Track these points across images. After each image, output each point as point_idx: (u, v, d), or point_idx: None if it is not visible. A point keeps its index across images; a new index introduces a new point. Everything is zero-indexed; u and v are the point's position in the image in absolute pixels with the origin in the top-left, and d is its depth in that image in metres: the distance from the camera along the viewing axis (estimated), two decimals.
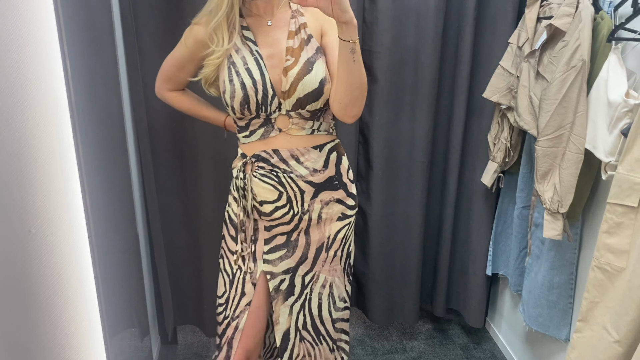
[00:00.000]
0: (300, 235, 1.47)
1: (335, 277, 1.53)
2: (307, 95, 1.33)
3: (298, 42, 1.35)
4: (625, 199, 1.29)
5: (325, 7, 1.15)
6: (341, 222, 1.50)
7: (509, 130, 1.92)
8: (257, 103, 1.34)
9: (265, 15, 1.38)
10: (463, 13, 1.94)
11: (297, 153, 1.40)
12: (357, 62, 1.23)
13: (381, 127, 2.05)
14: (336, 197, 1.48)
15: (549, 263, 1.79)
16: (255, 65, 1.33)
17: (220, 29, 1.32)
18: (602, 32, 1.49)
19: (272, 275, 1.46)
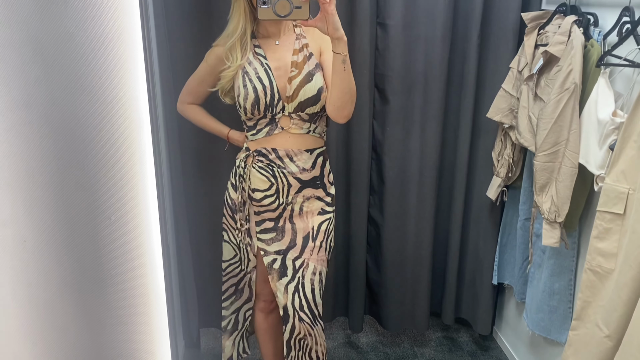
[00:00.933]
0: (286, 223, 1.75)
1: (324, 267, 1.79)
2: (307, 99, 1.63)
3: (301, 57, 1.63)
4: (613, 207, 1.44)
5: (322, 27, 1.47)
6: (322, 217, 1.79)
7: (511, 147, 2.07)
8: (266, 104, 1.63)
9: (274, 37, 1.68)
10: (467, 40, 2.11)
11: (292, 153, 1.70)
12: (347, 72, 1.53)
13: (392, 145, 2.21)
14: (316, 194, 1.78)
15: (549, 270, 1.92)
16: (265, 75, 1.63)
17: (235, 49, 1.62)
18: (592, 58, 1.64)
19: (265, 252, 1.76)
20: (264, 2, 1.47)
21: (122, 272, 0.84)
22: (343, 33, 1.49)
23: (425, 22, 2.05)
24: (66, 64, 0.74)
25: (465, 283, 2.46)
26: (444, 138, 2.24)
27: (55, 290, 0.82)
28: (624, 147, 1.41)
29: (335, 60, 1.52)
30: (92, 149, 0.77)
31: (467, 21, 2.09)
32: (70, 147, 0.77)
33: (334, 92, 1.58)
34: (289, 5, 1.47)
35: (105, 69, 0.74)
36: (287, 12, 1.47)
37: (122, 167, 0.78)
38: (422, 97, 2.15)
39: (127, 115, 0.76)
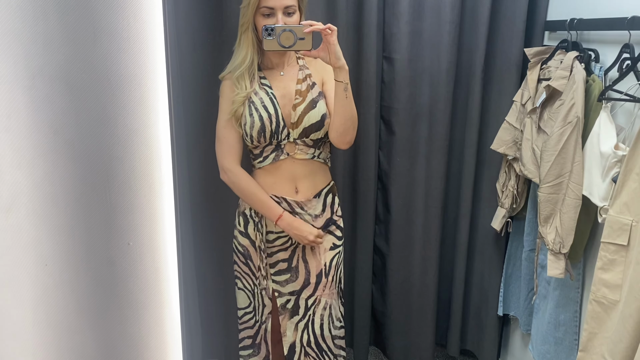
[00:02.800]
0: (300, 262, 1.78)
1: (333, 299, 1.82)
2: (311, 125, 1.68)
3: (305, 86, 1.69)
4: (617, 238, 1.46)
5: (324, 56, 1.55)
6: (333, 252, 1.82)
7: (515, 178, 2.10)
8: (271, 132, 1.66)
9: (278, 68, 1.73)
10: (472, 74, 2.16)
11: (302, 204, 1.75)
12: (348, 99, 1.60)
13: (398, 175, 2.25)
14: (327, 229, 1.81)
15: (554, 302, 1.92)
16: (270, 103, 1.67)
17: (243, 78, 1.67)
18: (594, 93, 1.69)
19: (279, 293, 1.78)
20: (269, 34, 1.53)
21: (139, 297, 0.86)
22: (344, 62, 1.56)
23: (430, 56, 2.11)
24: (92, 96, 0.78)
25: (470, 314, 2.46)
26: (449, 169, 2.28)
27: (72, 314, 0.85)
28: (626, 179, 1.43)
29: (337, 88, 1.59)
30: (114, 176, 0.80)
31: (471, 56, 2.14)
32: (93, 175, 0.81)
33: (337, 119, 1.64)
34: (293, 36, 1.53)
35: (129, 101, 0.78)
36: (291, 43, 1.54)
37: (142, 194, 0.81)
38: (427, 129, 2.19)
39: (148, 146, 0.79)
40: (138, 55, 0.77)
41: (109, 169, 0.80)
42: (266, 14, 1.59)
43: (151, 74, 0.78)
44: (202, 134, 2.01)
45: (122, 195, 0.81)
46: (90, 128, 0.79)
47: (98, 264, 0.84)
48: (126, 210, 0.81)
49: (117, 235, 0.82)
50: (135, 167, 0.80)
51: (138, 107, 0.78)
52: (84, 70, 0.76)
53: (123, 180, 0.80)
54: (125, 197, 0.81)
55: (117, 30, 0.76)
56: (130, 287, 0.84)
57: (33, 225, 0.78)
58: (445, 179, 2.26)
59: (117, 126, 0.79)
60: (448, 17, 2.05)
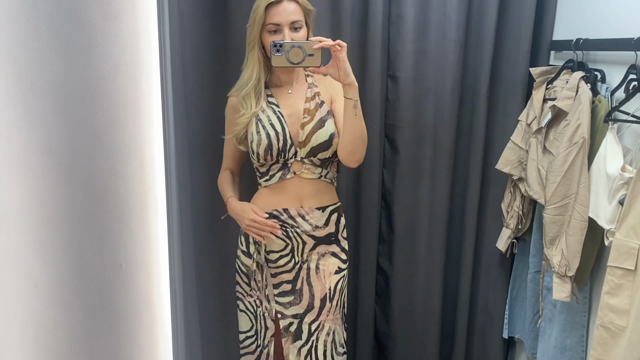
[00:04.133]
0: (304, 285, 1.74)
1: (337, 324, 1.79)
2: (319, 145, 1.66)
3: (313, 105, 1.67)
4: (624, 263, 1.43)
5: (333, 73, 1.54)
6: (338, 275, 1.79)
7: (520, 199, 2.07)
8: (278, 150, 1.65)
9: (287, 85, 1.72)
10: (477, 93, 2.14)
11: (303, 212, 1.72)
12: (358, 116, 1.57)
13: (402, 194, 2.23)
14: (330, 250, 1.78)
15: (560, 325, 1.88)
16: (278, 121, 1.66)
17: (249, 97, 1.65)
18: (600, 113, 1.66)
19: (282, 315, 1.75)
20: (277, 50, 1.52)
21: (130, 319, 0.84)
22: (354, 79, 1.54)
23: (435, 75, 2.10)
24: (86, 113, 0.77)
25: (475, 336, 2.42)
26: (453, 188, 2.25)
27: (62, 336, 0.83)
28: (633, 202, 1.41)
29: (346, 106, 1.57)
30: (107, 197, 0.79)
31: (476, 75, 2.13)
32: (86, 195, 0.79)
33: (346, 137, 1.61)
34: (302, 53, 1.52)
35: (123, 119, 0.77)
36: (300, 59, 1.53)
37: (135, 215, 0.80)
38: (431, 148, 2.18)
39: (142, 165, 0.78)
40: (133, 72, 0.76)
41: (101, 188, 0.79)
42: (272, 30, 1.59)
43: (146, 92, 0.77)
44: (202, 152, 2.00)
45: (115, 215, 0.79)
46: (84, 146, 0.78)
47: (89, 285, 0.82)
48: (118, 230, 0.80)
49: (109, 256, 0.80)
50: (128, 186, 0.79)
51: (132, 126, 0.77)
52: (78, 86, 0.76)
53: (116, 200, 0.79)
54: (118, 218, 0.80)
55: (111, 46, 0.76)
56: (121, 310, 0.82)
57: (23, 245, 0.77)
58: (449, 199, 2.23)
59: (110, 144, 0.78)
60: (453, 36, 2.04)
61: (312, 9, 1.65)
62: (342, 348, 1.83)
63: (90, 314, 0.82)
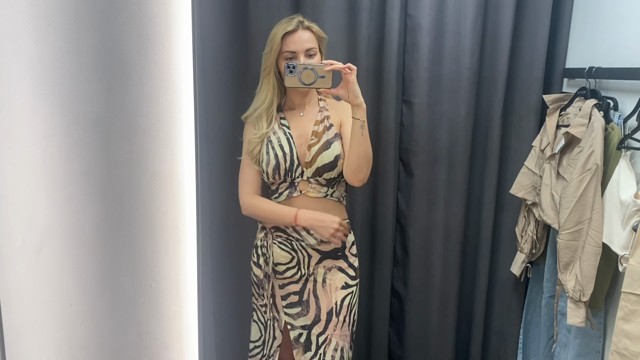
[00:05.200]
0: (311, 297, 1.79)
1: (345, 342, 1.82)
2: (325, 165, 1.72)
3: (321, 128, 1.73)
4: (638, 289, 1.44)
5: (343, 94, 1.61)
6: (345, 291, 1.81)
7: (534, 223, 2.09)
8: (285, 169, 1.72)
9: (299, 108, 1.80)
10: (491, 119, 2.18)
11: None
12: (364, 137, 1.63)
13: (416, 217, 2.25)
14: (337, 265, 1.81)
15: (575, 351, 1.88)
16: (287, 142, 1.73)
17: (262, 119, 1.74)
18: (613, 141, 1.69)
19: (292, 326, 1.80)
20: (290, 71, 1.61)
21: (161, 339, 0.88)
22: (362, 100, 1.60)
23: (450, 101, 2.14)
24: (122, 141, 0.82)
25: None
26: (468, 212, 2.28)
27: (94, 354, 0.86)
28: None
29: (354, 125, 1.63)
30: (140, 219, 0.83)
31: (490, 101, 2.17)
32: (120, 217, 0.84)
33: (351, 156, 1.67)
34: (314, 74, 1.60)
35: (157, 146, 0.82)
36: (312, 80, 1.61)
37: (166, 237, 0.84)
38: (446, 172, 2.21)
39: (172, 190, 0.82)
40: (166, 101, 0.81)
41: (135, 210, 0.83)
42: (289, 57, 1.68)
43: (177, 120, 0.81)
44: (225, 176, 2.05)
45: (147, 237, 0.84)
46: (119, 172, 0.82)
47: (121, 305, 0.86)
48: (150, 252, 0.84)
49: (141, 277, 0.84)
50: (160, 210, 0.83)
51: (164, 152, 0.82)
52: (115, 117, 0.81)
53: (148, 223, 0.83)
54: (150, 240, 0.84)
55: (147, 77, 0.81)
56: (151, 329, 0.86)
57: (61, 266, 0.81)
58: (464, 222, 2.25)
59: (144, 170, 0.82)
60: (467, 64, 2.09)
61: (324, 36, 1.75)
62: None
63: (121, 332, 0.86)
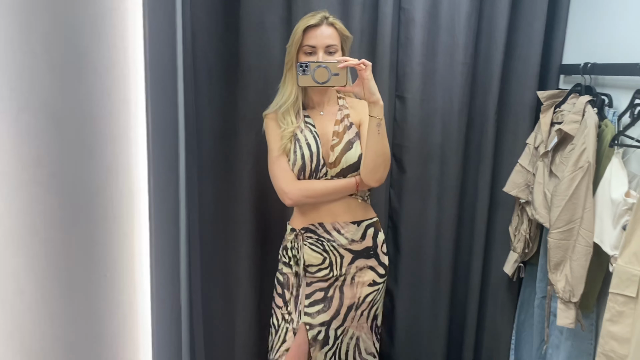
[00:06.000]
0: (335, 292, 1.76)
1: (362, 332, 1.82)
2: (349, 166, 1.70)
3: (342, 127, 1.70)
4: (625, 290, 1.40)
5: (359, 92, 1.56)
6: (371, 288, 1.80)
7: (528, 223, 2.05)
8: (311, 169, 1.70)
9: (319, 107, 1.76)
10: (485, 115, 2.14)
11: (338, 226, 1.75)
12: (381, 135, 1.59)
13: (409, 214, 2.22)
14: (369, 264, 1.79)
15: (566, 353, 1.85)
16: (314, 141, 1.70)
17: (289, 114, 1.70)
18: (607, 138, 1.65)
19: (310, 326, 1.76)
20: (303, 70, 1.56)
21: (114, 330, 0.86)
22: (379, 97, 1.56)
23: (443, 96, 2.11)
24: (76, 129, 0.80)
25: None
26: (461, 210, 2.24)
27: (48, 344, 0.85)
28: (635, 228, 1.39)
29: (370, 123, 1.59)
30: (93, 210, 0.82)
31: (485, 97, 2.13)
32: (74, 207, 0.82)
33: (368, 155, 1.63)
34: (327, 72, 1.56)
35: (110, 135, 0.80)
36: (326, 79, 1.57)
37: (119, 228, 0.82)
38: (439, 169, 2.17)
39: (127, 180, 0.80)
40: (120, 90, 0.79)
41: (88, 201, 0.81)
42: (308, 52, 1.64)
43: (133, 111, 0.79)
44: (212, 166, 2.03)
45: (101, 227, 0.82)
46: (72, 161, 0.80)
47: (74, 294, 0.84)
48: (104, 242, 0.82)
49: (95, 266, 0.83)
50: (114, 200, 0.81)
51: (118, 142, 0.80)
52: (68, 105, 0.79)
53: (102, 213, 0.81)
54: (104, 229, 0.82)
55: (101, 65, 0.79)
56: (106, 318, 0.84)
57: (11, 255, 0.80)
58: (457, 220, 2.22)
59: (98, 160, 0.80)
60: (461, 59, 2.06)
61: (349, 35, 1.71)
62: (371, 357, 1.87)
63: (75, 323, 0.84)
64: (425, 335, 2.32)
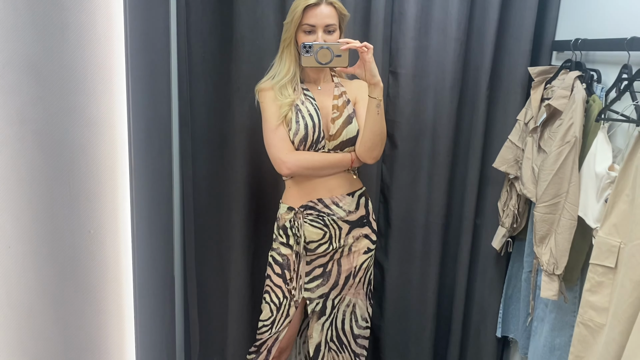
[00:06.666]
0: (334, 265, 1.83)
1: (359, 299, 1.89)
2: (348, 140, 1.76)
3: (341, 102, 1.75)
4: (605, 260, 1.43)
5: (360, 73, 1.61)
6: (366, 255, 1.89)
7: (516, 198, 2.07)
8: (312, 141, 1.74)
9: (316, 83, 1.81)
10: (477, 91, 2.15)
11: (337, 200, 1.81)
12: (380, 115, 1.66)
13: (400, 189, 2.25)
14: (364, 232, 1.88)
15: (550, 325, 1.88)
16: (315, 113, 1.73)
17: (286, 89, 1.73)
18: (594, 113, 1.66)
19: (310, 300, 1.83)
20: (307, 51, 1.60)
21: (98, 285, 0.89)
22: (380, 79, 1.62)
23: (436, 72, 2.12)
24: (60, 85, 0.82)
25: (470, 334, 2.42)
26: (451, 185, 2.26)
27: (34, 297, 0.88)
28: (616, 200, 1.41)
29: (370, 104, 1.65)
30: (77, 166, 0.84)
31: (477, 73, 2.14)
32: (58, 163, 0.84)
33: (366, 134, 1.70)
34: (330, 53, 1.60)
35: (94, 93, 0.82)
36: (328, 60, 1.60)
37: (104, 184, 0.85)
38: (430, 145, 2.19)
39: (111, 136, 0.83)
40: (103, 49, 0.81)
41: (73, 157, 0.84)
42: (307, 30, 1.67)
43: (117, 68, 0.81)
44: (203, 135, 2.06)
45: (85, 184, 0.84)
46: (56, 118, 0.83)
47: (60, 250, 0.87)
48: (88, 198, 0.85)
49: (79, 223, 0.85)
50: (98, 157, 0.83)
51: (102, 99, 0.82)
52: (52, 61, 0.81)
53: (86, 170, 0.84)
54: (88, 186, 0.84)
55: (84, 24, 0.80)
56: (90, 274, 0.87)
57: None
58: (447, 195, 2.24)
59: (81, 117, 0.83)
60: (454, 34, 2.06)
61: (346, 14, 1.74)
62: (364, 322, 1.94)
63: (60, 277, 0.88)
64: (415, 308, 2.35)
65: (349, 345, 1.92)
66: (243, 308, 2.24)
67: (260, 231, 2.23)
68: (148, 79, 1.88)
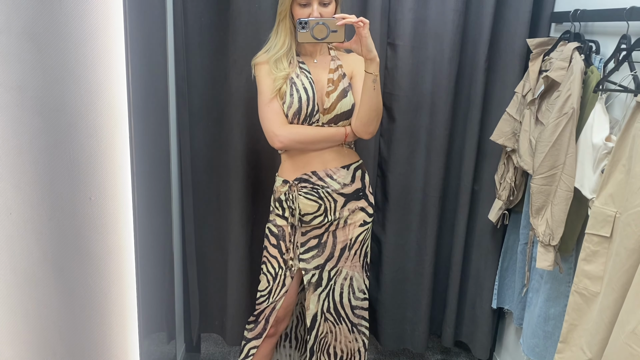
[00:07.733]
0: (329, 237, 1.84)
1: (355, 272, 1.91)
2: (343, 113, 1.75)
3: (336, 76, 1.75)
4: (600, 230, 1.45)
5: (356, 48, 1.61)
6: (362, 228, 1.90)
7: (513, 171, 2.08)
8: (306, 114, 1.73)
9: (312, 56, 1.80)
10: (475, 63, 2.14)
11: (331, 172, 1.81)
12: (376, 90, 1.66)
13: (397, 162, 2.25)
14: (360, 205, 1.88)
15: (545, 295, 1.91)
16: (310, 86, 1.73)
17: (281, 62, 1.72)
18: (592, 84, 1.66)
19: (305, 271, 1.86)
20: (303, 26, 1.60)
21: (100, 250, 0.90)
22: (376, 54, 1.61)
23: (434, 44, 2.10)
24: (58, 52, 0.82)
25: (466, 306, 2.45)
26: (449, 159, 2.27)
27: (36, 263, 0.89)
28: (612, 170, 1.42)
29: (366, 79, 1.65)
30: (77, 132, 0.84)
31: (475, 45, 2.13)
32: (58, 129, 0.84)
33: (362, 109, 1.71)
34: (326, 29, 1.59)
35: (93, 59, 0.82)
36: (324, 35, 1.60)
37: (103, 151, 0.85)
38: (428, 117, 2.19)
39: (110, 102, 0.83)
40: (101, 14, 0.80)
41: (72, 123, 0.84)
42: (302, 3, 1.66)
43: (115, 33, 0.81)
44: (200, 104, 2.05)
45: (85, 150, 0.85)
46: (55, 84, 0.82)
47: (61, 216, 0.88)
48: (88, 164, 0.85)
49: (79, 189, 0.86)
50: (97, 124, 0.83)
51: (100, 65, 0.81)
52: (50, 27, 0.80)
53: (85, 136, 0.84)
54: (88, 153, 0.85)
55: None
56: (91, 240, 0.88)
57: None
58: (444, 169, 2.25)
59: (80, 83, 0.82)
60: (452, 5, 2.04)
61: None
62: (362, 294, 1.96)
63: (62, 243, 0.88)
64: (411, 279, 2.38)
65: (346, 317, 1.95)
66: (242, 279, 2.26)
67: (258, 203, 2.24)
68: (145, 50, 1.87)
